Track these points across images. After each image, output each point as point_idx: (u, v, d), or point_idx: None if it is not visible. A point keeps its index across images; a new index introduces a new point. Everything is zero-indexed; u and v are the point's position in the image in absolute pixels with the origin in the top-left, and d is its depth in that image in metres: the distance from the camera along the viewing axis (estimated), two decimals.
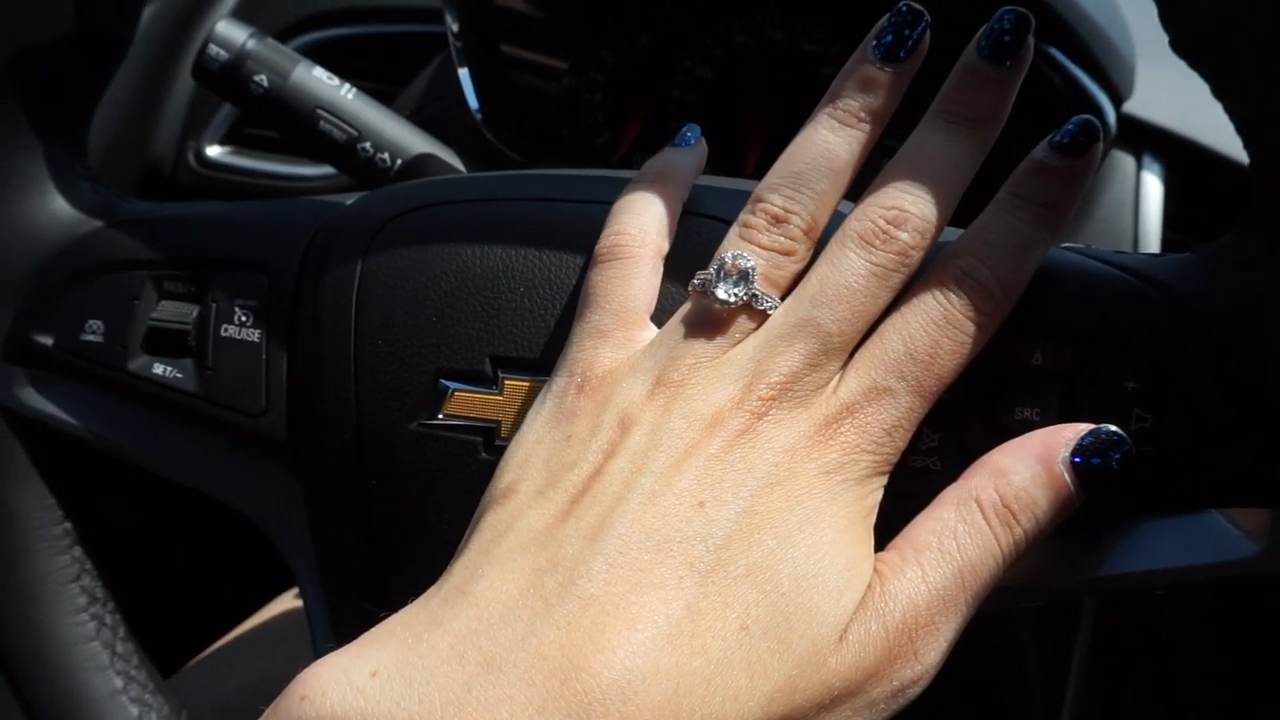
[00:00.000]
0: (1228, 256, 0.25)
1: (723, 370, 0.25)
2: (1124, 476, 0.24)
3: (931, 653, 0.23)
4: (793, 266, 0.27)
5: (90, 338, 0.34)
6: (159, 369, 0.33)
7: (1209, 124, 0.52)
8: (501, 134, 0.55)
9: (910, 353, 0.24)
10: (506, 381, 0.29)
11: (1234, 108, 0.24)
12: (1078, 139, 0.26)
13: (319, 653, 0.33)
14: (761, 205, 0.27)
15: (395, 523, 0.30)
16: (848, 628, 0.22)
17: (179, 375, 0.33)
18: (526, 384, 0.29)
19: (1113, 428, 0.24)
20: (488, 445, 0.29)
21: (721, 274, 0.26)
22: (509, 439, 0.29)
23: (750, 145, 0.57)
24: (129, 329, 0.33)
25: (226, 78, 0.41)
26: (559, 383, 0.27)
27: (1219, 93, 0.24)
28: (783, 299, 0.26)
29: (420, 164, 0.44)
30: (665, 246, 0.28)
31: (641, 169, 0.30)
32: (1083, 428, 0.24)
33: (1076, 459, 0.24)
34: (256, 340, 0.32)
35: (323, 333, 0.31)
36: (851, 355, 0.25)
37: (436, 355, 0.30)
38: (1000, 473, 0.24)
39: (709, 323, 0.26)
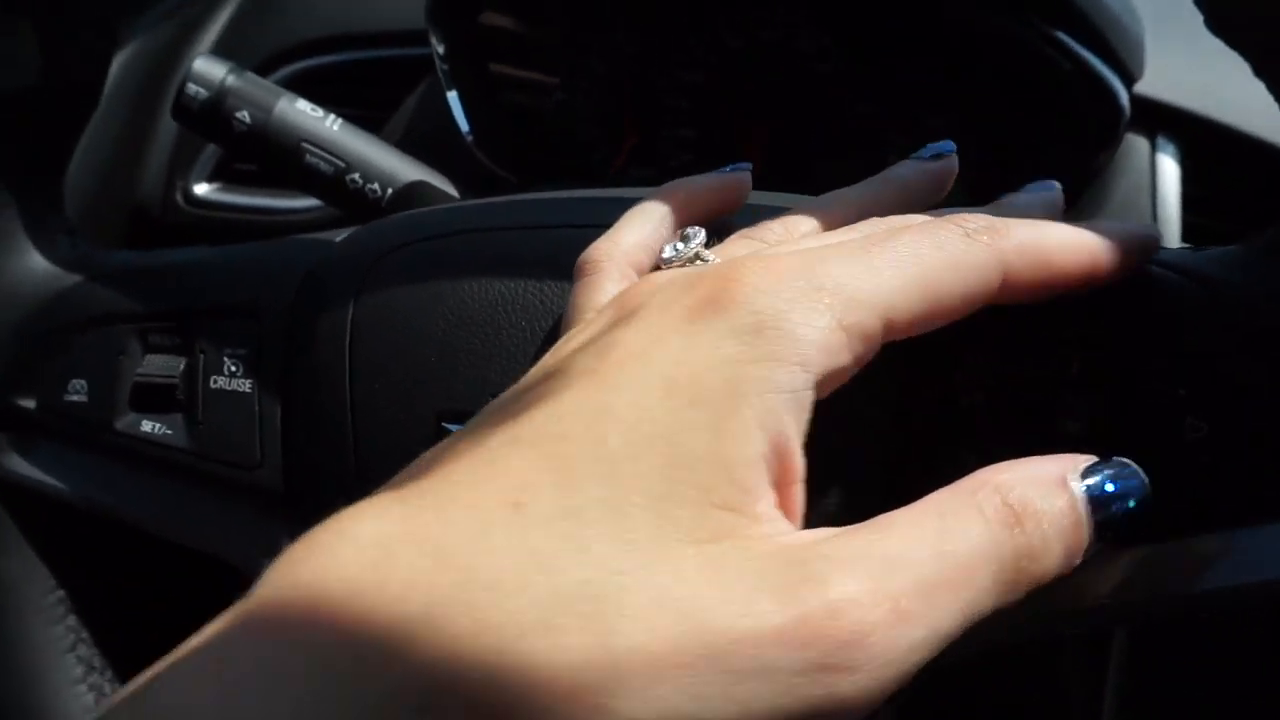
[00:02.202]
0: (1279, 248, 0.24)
1: None
2: (1138, 523, 0.20)
3: None
4: None
5: (74, 398, 0.32)
6: (147, 426, 0.32)
7: (1224, 101, 0.50)
8: (494, 155, 0.54)
9: None
10: None
11: (1278, 87, 0.22)
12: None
13: None
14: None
15: None
16: None
17: (168, 431, 0.32)
18: None
19: (1128, 463, 0.20)
20: None
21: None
22: None
23: (749, 154, 0.55)
24: (114, 386, 0.32)
25: (207, 116, 0.40)
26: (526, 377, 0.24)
27: (1260, 71, 0.22)
28: None
29: (411, 192, 0.42)
30: (644, 259, 0.26)
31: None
32: (1089, 459, 0.20)
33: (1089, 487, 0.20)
34: (248, 390, 0.31)
35: (317, 379, 0.29)
36: None
37: (437, 398, 0.28)
38: (1004, 484, 0.20)
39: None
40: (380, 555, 0.16)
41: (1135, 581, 0.24)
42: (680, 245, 0.25)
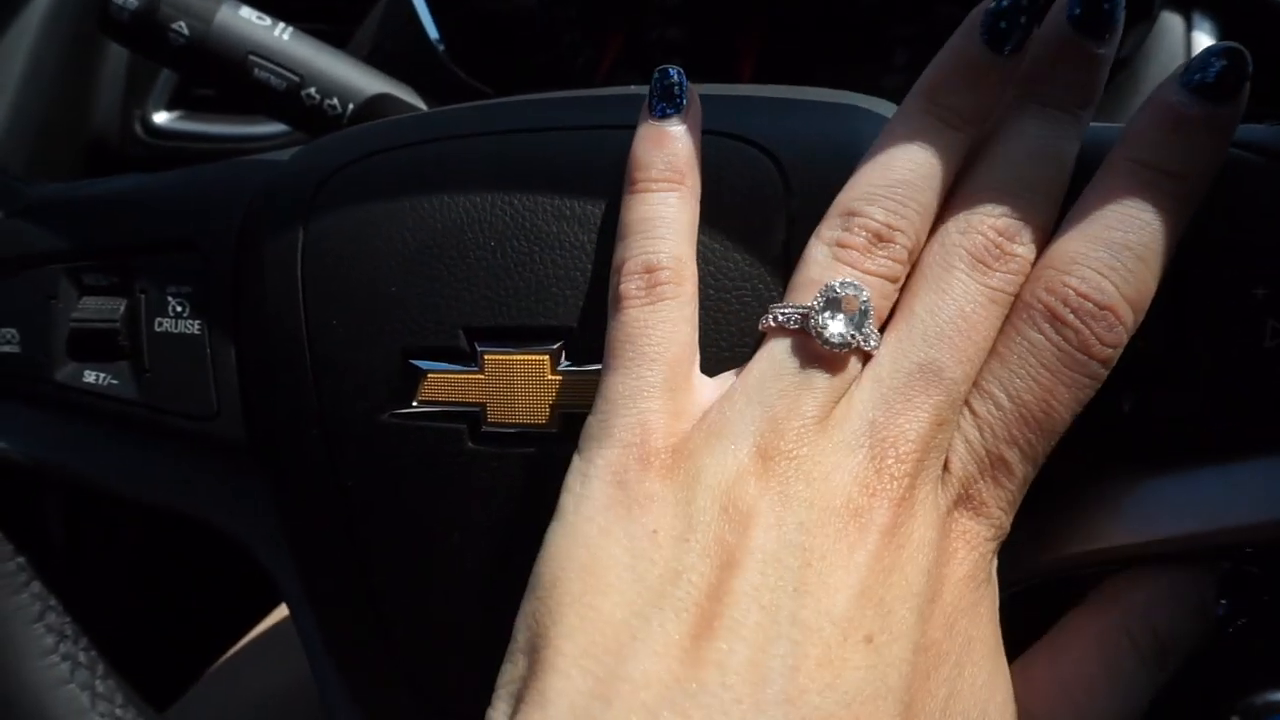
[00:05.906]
0: None
1: (834, 437, 0.19)
2: None
3: None
4: (895, 296, 0.21)
5: (6, 348, 0.29)
6: (90, 376, 0.29)
7: None
8: (467, 65, 0.50)
9: (1021, 414, 0.20)
10: (486, 357, 0.24)
11: None
12: (1226, 79, 0.19)
13: (316, 671, 0.29)
14: (860, 220, 0.21)
15: (377, 527, 0.26)
16: None
17: (114, 381, 0.29)
18: (511, 358, 0.24)
19: None
20: (473, 433, 0.24)
21: (832, 307, 0.20)
22: (499, 424, 0.24)
23: (744, 55, 0.51)
24: (49, 334, 0.29)
25: (139, 28, 0.36)
26: (610, 454, 0.20)
27: None
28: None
29: (375, 107, 0.38)
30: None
31: (643, 159, 0.23)
32: None
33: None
34: (197, 332, 0.28)
35: (269, 317, 0.26)
36: None
37: (402, 332, 0.25)
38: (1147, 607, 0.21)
39: (811, 369, 0.20)
40: None
41: (1216, 511, 0.21)
42: (831, 319, 0.21)
